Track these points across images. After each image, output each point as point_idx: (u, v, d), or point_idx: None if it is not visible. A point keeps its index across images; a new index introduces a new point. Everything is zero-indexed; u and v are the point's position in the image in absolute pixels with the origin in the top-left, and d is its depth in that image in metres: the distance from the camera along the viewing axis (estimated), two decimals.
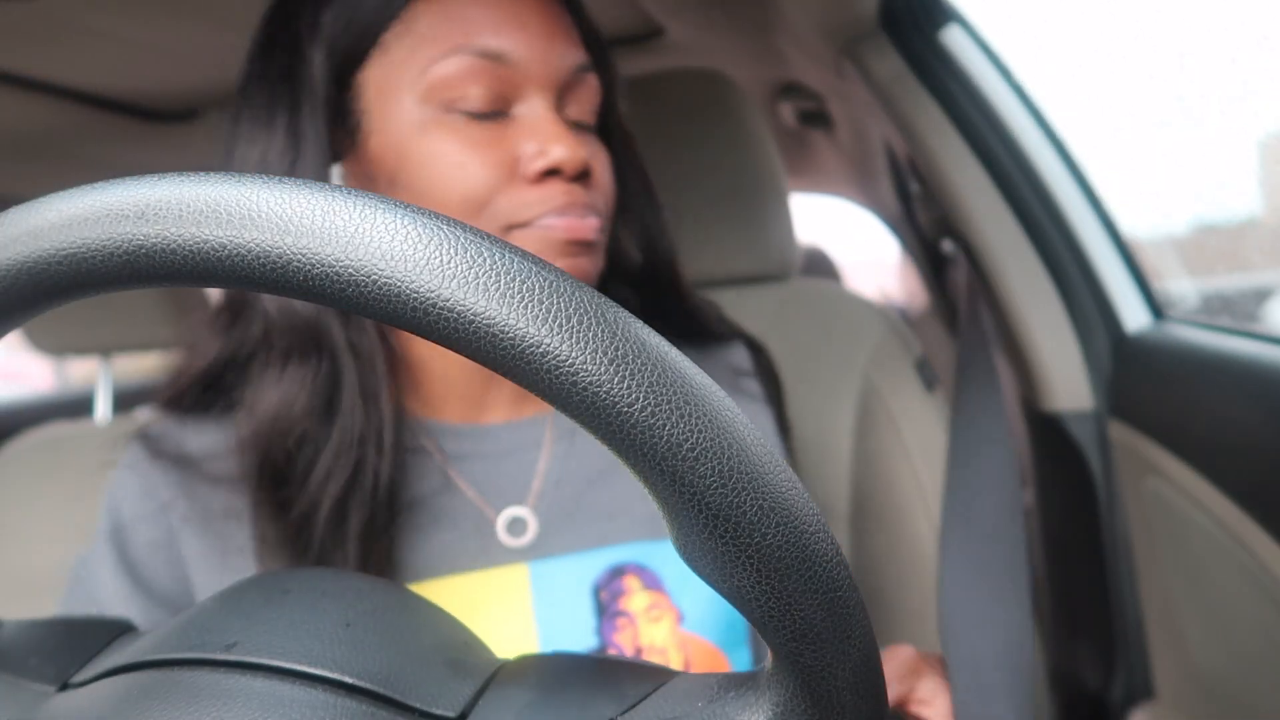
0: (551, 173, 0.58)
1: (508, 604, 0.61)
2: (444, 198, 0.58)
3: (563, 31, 0.60)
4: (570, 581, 0.62)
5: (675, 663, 0.61)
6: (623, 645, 0.61)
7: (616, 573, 0.62)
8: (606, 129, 0.66)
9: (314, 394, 0.59)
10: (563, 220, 0.58)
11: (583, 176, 0.59)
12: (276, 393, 0.59)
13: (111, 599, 0.61)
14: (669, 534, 0.27)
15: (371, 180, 0.60)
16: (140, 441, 0.65)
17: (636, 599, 0.62)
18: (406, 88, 0.58)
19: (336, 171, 0.61)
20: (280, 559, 0.57)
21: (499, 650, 0.58)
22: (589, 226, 0.59)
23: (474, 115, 0.58)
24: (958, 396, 0.87)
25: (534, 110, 0.59)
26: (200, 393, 0.64)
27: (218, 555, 0.60)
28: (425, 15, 0.58)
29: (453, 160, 0.57)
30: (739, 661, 0.63)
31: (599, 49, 0.65)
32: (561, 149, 0.57)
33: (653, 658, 0.61)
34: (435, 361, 0.64)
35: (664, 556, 0.63)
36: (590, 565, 0.62)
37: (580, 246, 0.59)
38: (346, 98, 0.60)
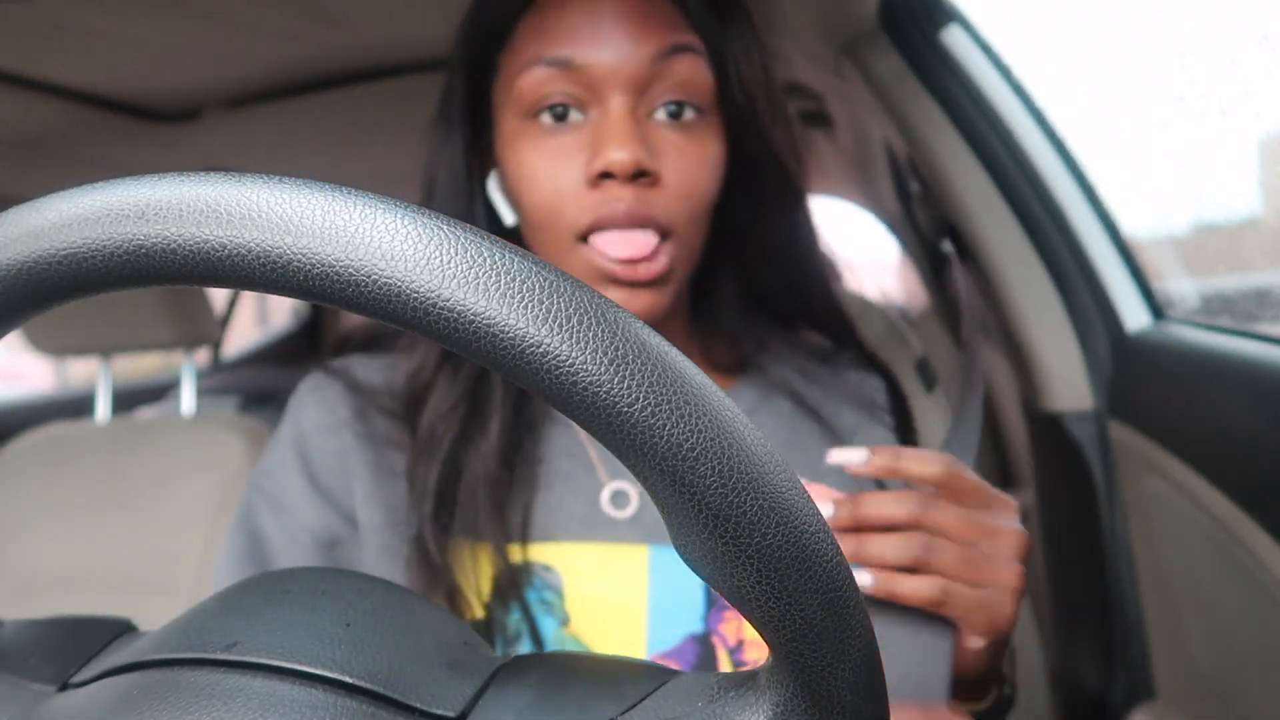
0: (607, 175, 0.58)
1: (624, 582, 0.63)
2: (526, 206, 0.62)
3: (642, 21, 0.60)
4: (688, 574, 0.62)
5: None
6: (726, 635, 0.63)
7: None
8: (732, 107, 0.64)
9: (439, 352, 0.65)
10: (619, 249, 0.58)
11: (640, 177, 0.59)
12: (418, 347, 0.67)
13: (295, 496, 0.66)
14: (669, 534, 0.27)
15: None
16: (323, 370, 0.71)
17: None
18: (508, 104, 0.62)
19: (492, 183, 0.67)
20: (422, 490, 0.62)
21: (606, 625, 0.58)
22: (642, 253, 0.58)
23: (552, 123, 0.60)
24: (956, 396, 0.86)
25: (605, 112, 0.60)
26: (371, 339, 0.72)
27: (381, 475, 0.65)
28: (523, 34, 0.62)
29: (529, 168, 0.61)
30: None
31: (719, 19, 0.63)
32: (612, 149, 0.57)
33: (753, 651, 0.62)
34: None
35: None
36: None
37: (636, 286, 0.60)
38: (484, 113, 0.66)
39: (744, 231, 0.68)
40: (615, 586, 0.63)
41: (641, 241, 0.59)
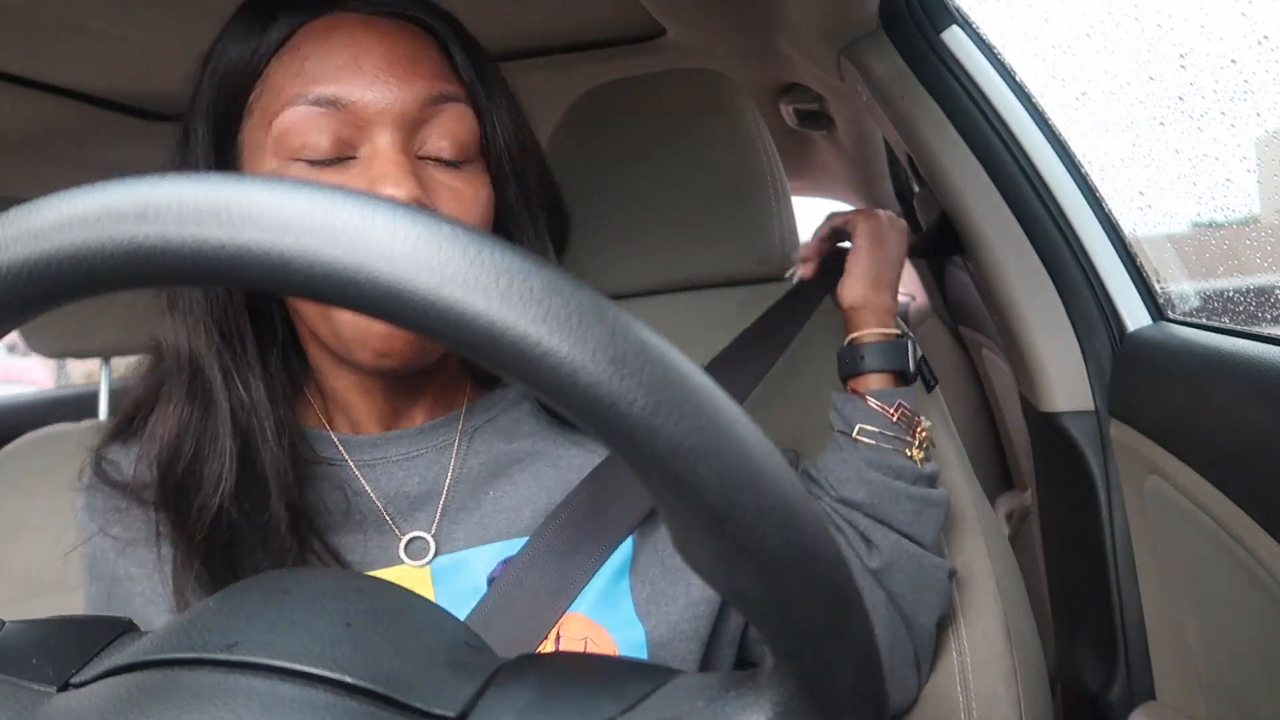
0: None
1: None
2: None
3: (412, 65, 0.60)
4: (467, 577, 0.64)
5: (550, 647, 0.62)
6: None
7: (507, 564, 0.64)
8: (497, 158, 0.66)
9: (194, 422, 0.63)
10: None
11: None
12: (166, 423, 0.63)
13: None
14: (668, 533, 0.27)
15: None
16: (90, 464, 0.69)
17: None
18: (265, 145, 0.60)
19: None
20: (184, 577, 0.61)
21: None
22: None
23: (316, 163, 0.59)
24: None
25: (373, 150, 0.59)
26: (137, 422, 0.68)
27: (131, 574, 0.65)
28: (276, 73, 0.60)
29: None
30: (625, 642, 0.64)
31: (478, 74, 0.65)
32: (389, 187, 0.57)
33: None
34: (337, 380, 0.67)
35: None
36: (487, 558, 0.65)
37: None
38: (230, 160, 0.63)
39: None
40: None
41: None
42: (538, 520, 0.66)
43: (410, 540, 0.65)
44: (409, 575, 0.64)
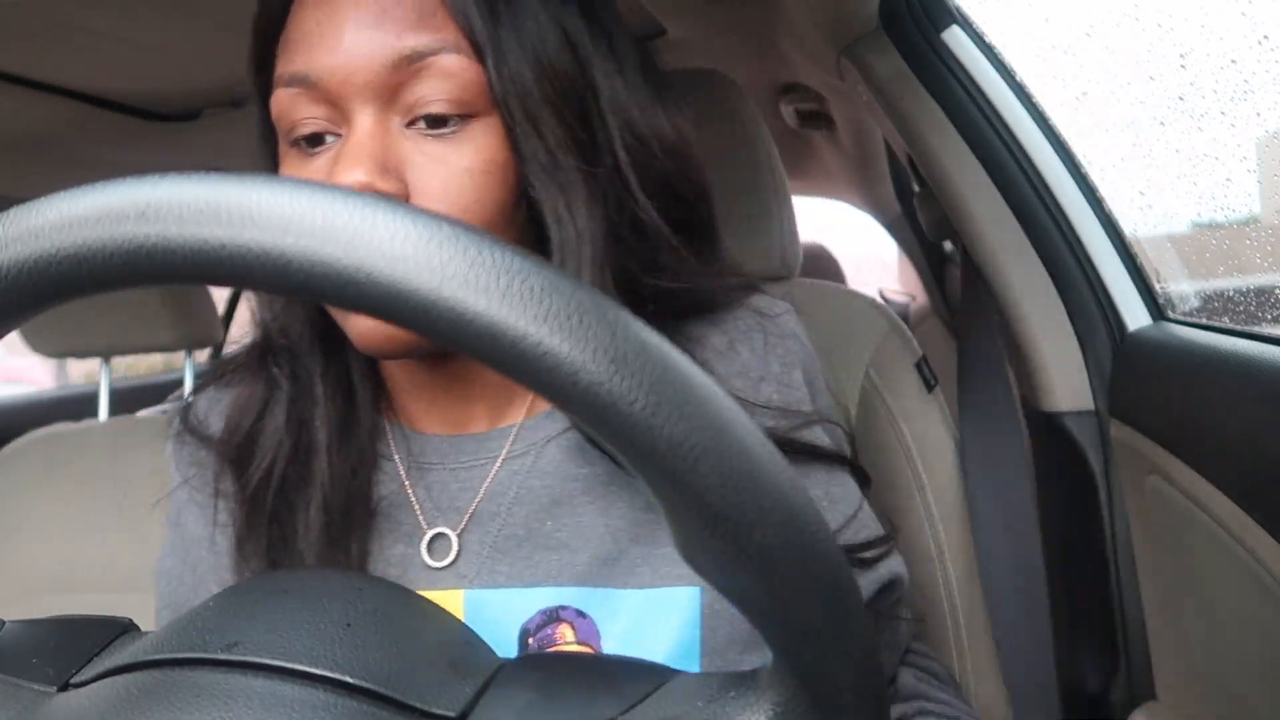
0: None
1: None
2: None
3: (378, 22, 0.52)
4: (501, 618, 0.56)
5: None
6: None
7: (550, 617, 0.56)
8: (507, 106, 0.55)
9: (259, 399, 0.62)
10: None
11: None
12: (239, 384, 0.63)
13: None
14: (669, 533, 0.27)
15: None
16: (178, 415, 0.68)
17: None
18: (278, 128, 0.57)
19: None
20: (245, 550, 0.60)
21: None
22: None
23: (308, 149, 0.55)
24: (964, 396, 0.86)
25: (351, 130, 0.53)
26: (228, 377, 0.67)
27: (197, 536, 0.65)
28: (279, 52, 0.56)
29: None
30: None
31: (486, 7, 0.54)
32: (341, 175, 0.51)
33: None
34: (402, 373, 0.63)
35: (610, 608, 0.56)
36: (526, 604, 0.56)
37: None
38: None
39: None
40: None
41: None
42: (595, 569, 0.56)
43: (434, 537, 0.59)
44: (439, 600, 0.59)
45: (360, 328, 0.55)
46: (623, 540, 0.57)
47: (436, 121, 0.53)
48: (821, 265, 2.80)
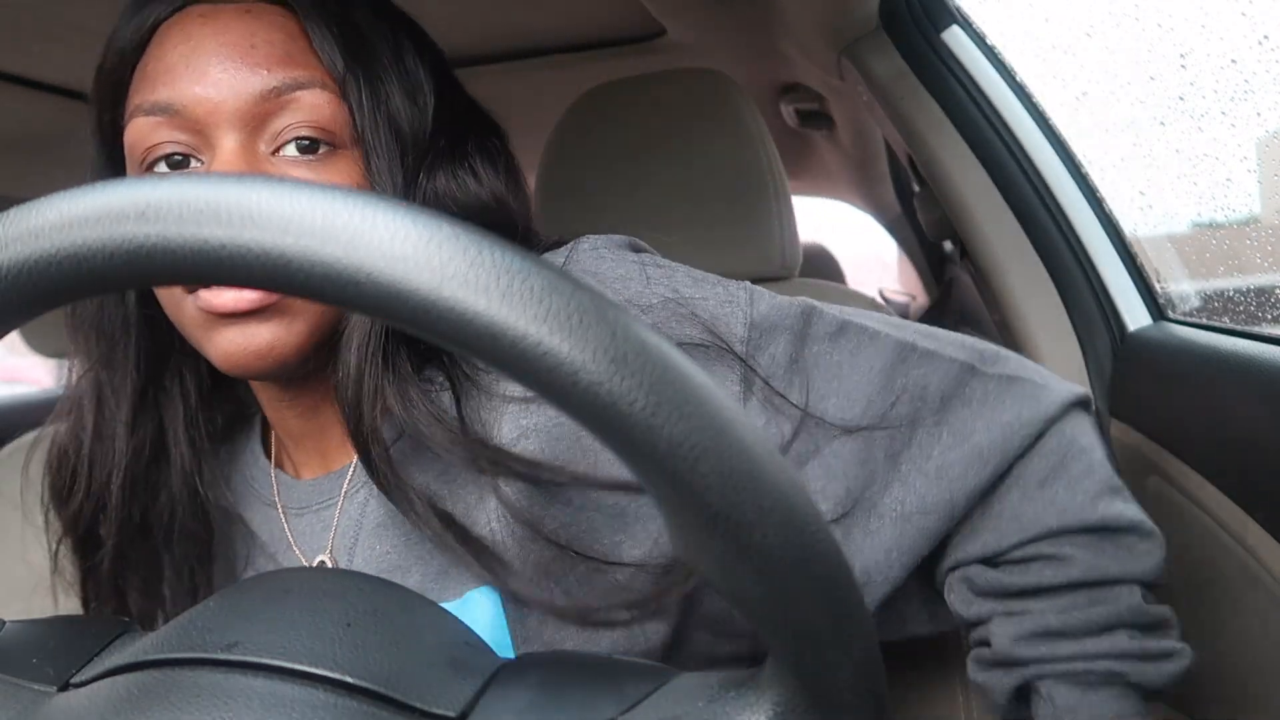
0: None
1: None
2: None
3: (247, 56, 0.55)
4: None
5: None
6: None
7: None
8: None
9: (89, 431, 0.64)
10: (217, 297, 0.53)
11: None
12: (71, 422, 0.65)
13: None
14: (668, 533, 0.27)
15: None
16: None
17: None
18: (131, 155, 0.57)
19: None
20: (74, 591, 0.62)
21: None
22: (243, 298, 0.53)
23: (168, 169, 0.56)
24: None
25: (213, 155, 0.55)
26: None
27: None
28: (134, 82, 0.57)
29: None
30: None
31: (347, 51, 0.57)
32: None
33: None
34: (273, 414, 0.64)
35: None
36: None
37: (239, 316, 0.54)
38: (119, 164, 0.60)
39: None
40: None
41: (230, 302, 0.53)
42: (428, 585, 0.58)
43: (317, 565, 0.62)
44: None
45: (225, 347, 0.55)
46: (436, 553, 0.59)
47: (306, 148, 0.55)
48: (821, 265, 2.80)
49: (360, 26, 0.59)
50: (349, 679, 0.32)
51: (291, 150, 0.55)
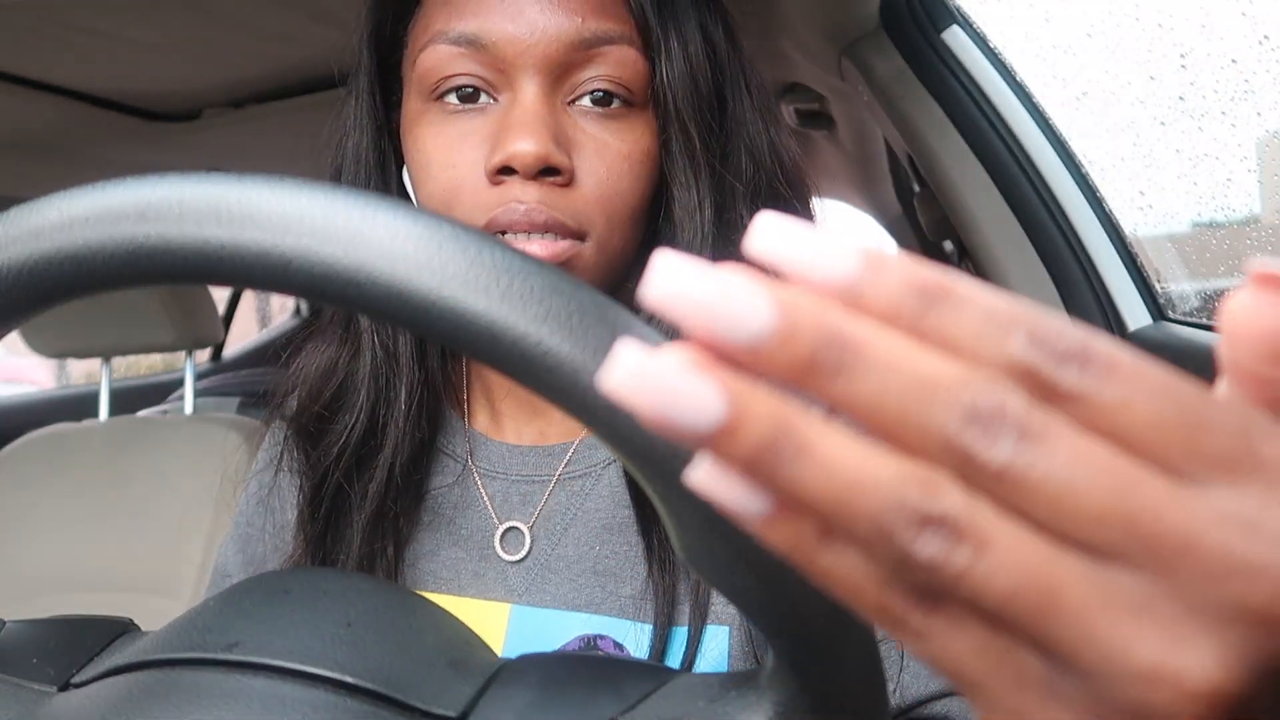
0: (508, 170, 0.52)
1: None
2: (421, 198, 0.56)
3: (562, 4, 0.53)
4: (543, 638, 0.56)
5: None
6: None
7: (588, 645, 0.56)
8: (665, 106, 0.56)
9: (341, 365, 0.60)
10: (516, 240, 0.52)
11: (547, 175, 0.52)
12: (315, 360, 0.61)
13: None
14: (670, 534, 0.27)
15: None
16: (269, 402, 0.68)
17: None
18: (411, 81, 0.56)
19: (407, 174, 0.60)
20: (303, 526, 0.59)
21: None
22: (547, 249, 0.52)
23: (457, 105, 0.54)
24: None
25: (516, 98, 0.53)
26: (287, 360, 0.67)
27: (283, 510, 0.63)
28: (430, 5, 0.56)
29: (426, 155, 0.55)
30: None
31: (657, 5, 0.55)
32: (515, 140, 0.51)
33: None
34: (493, 379, 0.62)
35: (643, 642, 0.56)
36: (567, 627, 0.56)
37: None
38: (390, 89, 0.60)
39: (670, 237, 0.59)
40: None
41: (538, 250, 0.52)
42: (639, 602, 0.56)
43: (507, 530, 0.59)
44: (484, 612, 0.58)
45: None
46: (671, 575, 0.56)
47: (602, 101, 0.54)
48: None
49: None
50: (349, 679, 0.32)
51: (586, 102, 0.54)
